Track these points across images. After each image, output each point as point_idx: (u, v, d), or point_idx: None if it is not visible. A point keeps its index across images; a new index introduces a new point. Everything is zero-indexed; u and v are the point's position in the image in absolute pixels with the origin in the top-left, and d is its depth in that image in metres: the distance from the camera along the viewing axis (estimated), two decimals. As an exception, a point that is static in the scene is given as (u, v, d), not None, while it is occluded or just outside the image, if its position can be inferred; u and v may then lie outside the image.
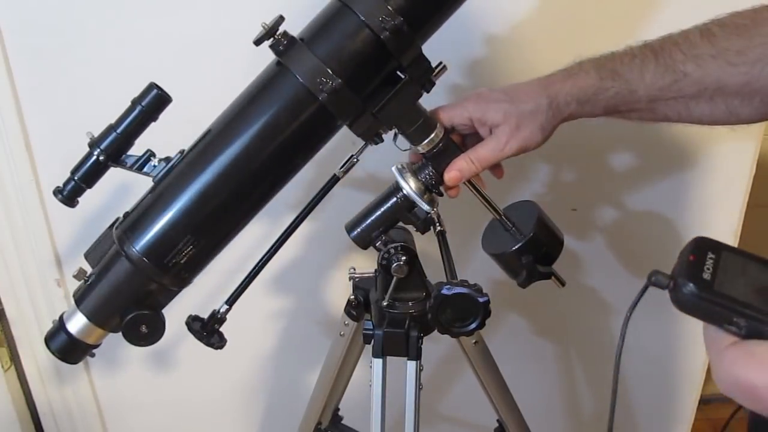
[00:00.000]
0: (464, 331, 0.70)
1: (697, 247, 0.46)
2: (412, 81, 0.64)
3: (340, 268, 1.14)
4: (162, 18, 0.96)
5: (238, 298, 0.73)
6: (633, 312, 0.49)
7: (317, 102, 0.62)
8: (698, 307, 0.44)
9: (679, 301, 0.44)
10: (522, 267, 0.70)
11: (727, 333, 0.43)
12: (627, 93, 0.64)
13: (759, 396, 0.41)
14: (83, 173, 0.65)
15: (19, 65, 0.98)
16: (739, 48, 0.59)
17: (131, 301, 0.68)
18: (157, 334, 0.69)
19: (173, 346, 1.21)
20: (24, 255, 1.12)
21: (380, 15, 0.59)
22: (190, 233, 0.65)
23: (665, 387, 1.27)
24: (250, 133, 0.64)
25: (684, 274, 0.44)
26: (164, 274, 0.67)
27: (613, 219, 1.10)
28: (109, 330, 0.70)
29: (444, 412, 1.29)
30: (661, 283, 0.45)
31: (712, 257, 0.45)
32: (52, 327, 0.72)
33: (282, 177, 0.68)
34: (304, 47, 0.62)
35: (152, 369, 1.24)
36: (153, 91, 0.64)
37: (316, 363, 0.92)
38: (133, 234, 0.66)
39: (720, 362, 0.43)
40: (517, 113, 0.66)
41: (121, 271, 0.67)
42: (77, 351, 0.71)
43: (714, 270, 0.44)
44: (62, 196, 0.66)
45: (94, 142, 0.65)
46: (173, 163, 0.66)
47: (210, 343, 0.71)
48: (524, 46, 0.98)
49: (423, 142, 0.68)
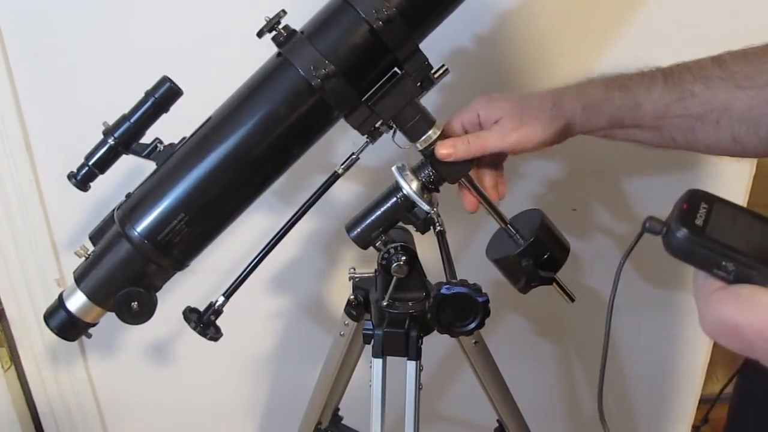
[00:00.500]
0: (464, 330, 0.70)
1: (690, 197, 0.48)
2: (409, 76, 0.65)
3: (340, 268, 1.14)
4: (162, 18, 0.96)
5: (236, 290, 0.73)
6: (615, 299, 0.50)
7: (313, 92, 0.63)
8: (689, 252, 0.46)
9: (671, 245, 0.46)
10: (522, 271, 0.70)
11: (716, 279, 0.45)
12: (633, 106, 0.65)
13: (741, 334, 0.43)
14: (97, 159, 0.68)
15: (19, 65, 0.98)
16: (748, 73, 0.60)
17: (129, 281, 0.70)
18: (147, 313, 0.70)
19: (173, 347, 1.21)
20: (24, 255, 1.12)
21: (375, 6, 0.61)
22: (184, 212, 0.67)
23: (665, 387, 1.27)
24: (247, 121, 0.66)
25: (677, 219, 0.46)
26: (163, 255, 0.69)
27: (613, 219, 1.10)
28: (107, 309, 0.72)
29: (444, 412, 1.29)
30: (655, 229, 0.47)
31: (705, 207, 0.47)
32: (52, 305, 0.73)
33: (278, 166, 0.70)
34: (303, 39, 0.64)
35: (152, 369, 1.24)
36: (165, 84, 0.67)
37: (316, 363, 0.92)
38: (134, 215, 0.69)
39: (706, 305, 0.45)
40: (521, 109, 0.68)
41: (121, 251, 0.69)
42: (75, 329, 0.73)
43: (706, 218, 0.47)
44: (76, 180, 0.69)
45: (109, 130, 0.68)
46: (175, 148, 0.69)
47: (205, 334, 0.72)
48: (524, 48, 0.98)
49: (420, 139, 0.68)
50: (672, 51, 0.96)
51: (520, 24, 0.96)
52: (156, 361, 1.23)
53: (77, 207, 1.08)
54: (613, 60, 0.98)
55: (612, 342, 1.23)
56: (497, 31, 0.96)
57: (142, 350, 1.22)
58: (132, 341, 1.22)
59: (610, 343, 1.21)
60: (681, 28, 0.95)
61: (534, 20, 0.96)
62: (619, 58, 0.97)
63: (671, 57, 0.66)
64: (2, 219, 1.09)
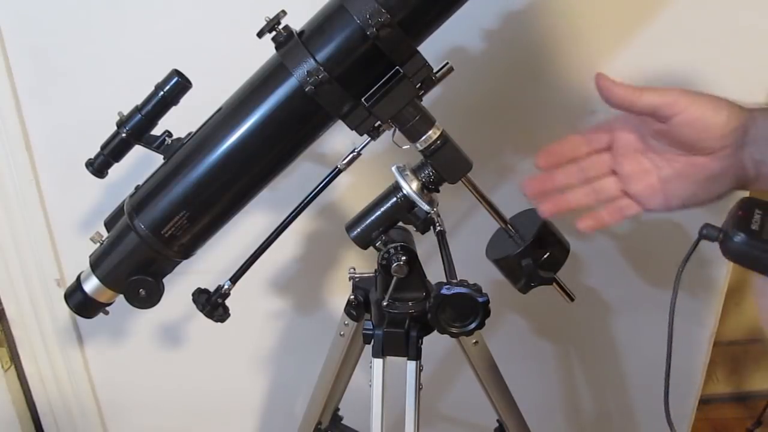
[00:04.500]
0: (464, 331, 0.70)
1: (744, 204, 0.51)
2: (407, 78, 0.65)
3: (340, 268, 1.14)
4: (162, 18, 0.96)
5: (242, 276, 0.75)
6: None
7: (307, 95, 0.64)
8: (747, 255, 0.48)
9: (729, 250, 0.49)
10: (522, 271, 0.70)
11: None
12: None
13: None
14: (111, 149, 0.72)
15: (19, 65, 0.99)
16: None
17: (138, 268, 0.74)
18: (154, 299, 0.75)
19: (173, 347, 1.21)
20: (24, 255, 1.12)
21: (368, 11, 0.61)
22: (186, 209, 0.70)
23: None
24: (245, 123, 0.67)
25: (734, 225, 0.49)
26: (168, 247, 0.72)
27: (613, 219, 1.10)
28: (119, 291, 0.77)
29: (444, 412, 1.29)
30: (712, 235, 0.50)
31: (759, 213, 0.50)
32: (71, 285, 0.79)
33: (277, 165, 0.71)
34: (299, 43, 0.64)
35: (153, 369, 1.25)
36: (174, 78, 0.70)
37: (316, 363, 0.92)
38: (140, 209, 0.72)
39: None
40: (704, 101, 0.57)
41: (130, 241, 0.73)
42: (91, 308, 0.79)
43: (762, 223, 0.49)
44: (92, 168, 0.73)
45: (122, 121, 0.71)
46: (180, 143, 0.72)
47: (212, 316, 0.75)
48: (525, 43, 0.98)
49: (419, 140, 0.68)
50: (679, 51, 0.97)
51: (526, 22, 0.96)
52: (156, 361, 1.23)
53: (77, 207, 1.09)
54: (620, 59, 0.98)
55: (612, 342, 1.23)
56: (502, 27, 0.97)
57: (143, 350, 1.22)
58: (132, 341, 1.22)
59: (609, 343, 1.22)
60: (687, 28, 0.95)
61: (539, 19, 0.96)
62: (626, 57, 0.98)
63: (677, 57, 0.65)
64: (2, 219, 1.09)
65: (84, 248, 0.78)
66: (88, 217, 1.09)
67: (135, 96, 0.71)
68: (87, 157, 0.72)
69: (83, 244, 0.79)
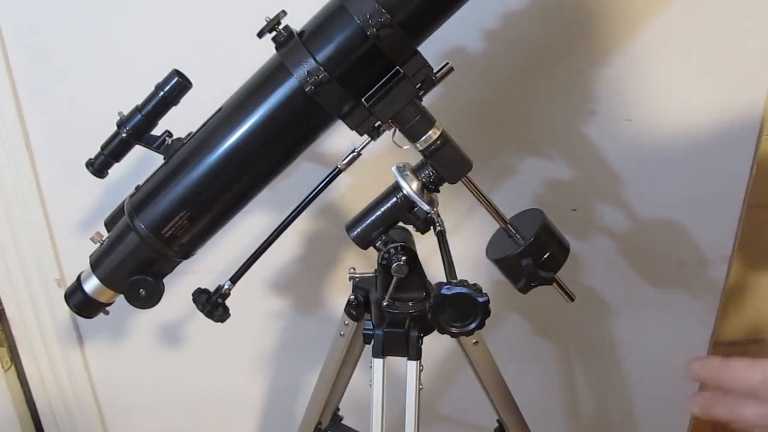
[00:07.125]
0: (464, 331, 0.70)
1: None
2: (407, 78, 0.65)
3: (340, 268, 1.14)
4: (162, 18, 0.96)
5: (242, 276, 0.75)
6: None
7: (307, 95, 0.64)
8: None
9: None
10: (522, 271, 0.70)
11: None
12: None
13: None
14: (111, 149, 0.72)
15: (19, 65, 0.99)
16: None
17: (138, 268, 0.74)
18: (154, 299, 0.75)
19: (173, 347, 1.21)
20: (24, 255, 1.12)
21: (368, 12, 0.61)
22: (185, 210, 0.70)
23: (665, 387, 1.27)
24: (245, 123, 0.67)
25: None
26: (168, 247, 0.72)
27: (613, 219, 1.10)
28: (119, 291, 0.77)
29: (444, 412, 1.29)
30: None
31: None
32: (71, 285, 0.79)
33: (277, 165, 0.71)
34: (299, 43, 0.64)
35: (153, 369, 1.25)
36: (174, 78, 0.70)
37: (316, 363, 0.92)
38: (140, 210, 0.72)
39: None
40: None
41: (130, 241, 0.73)
42: (92, 308, 0.79)
43: None
44: (93, 168, 0.73)
45: (122, 121, 0.71)
46: (180, 144, 0.72)
47: (212, 315, 0.75)
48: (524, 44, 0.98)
49: (420, 140, 0.68)
50: (679, 51, 0.97)
51: (526, 22, 0.96)
52: (156, 361, 1.23)
53: (77, 207, 1.09)
54: (620, 59, 0.98)
55: (612, 342, 1.23)
56: (502, 27, 0.97)
57: (143, 350, 1.22)
58: (132, 341, 1.22)
59: (609, 343, 1.22)
60: (687, 28, 0.95)
61: (539, 19, 0.96)
62: (626, 57, 0.98)
63: (677, 57, 0.65)
64: (2, 219, 1.09)
65: (84, 248, 0.78)
66: (88, 217, 1.09)
67: (135, 96, 0.71)
68: (87, 157, 0.73)
69: (83, 244, 0.79)
